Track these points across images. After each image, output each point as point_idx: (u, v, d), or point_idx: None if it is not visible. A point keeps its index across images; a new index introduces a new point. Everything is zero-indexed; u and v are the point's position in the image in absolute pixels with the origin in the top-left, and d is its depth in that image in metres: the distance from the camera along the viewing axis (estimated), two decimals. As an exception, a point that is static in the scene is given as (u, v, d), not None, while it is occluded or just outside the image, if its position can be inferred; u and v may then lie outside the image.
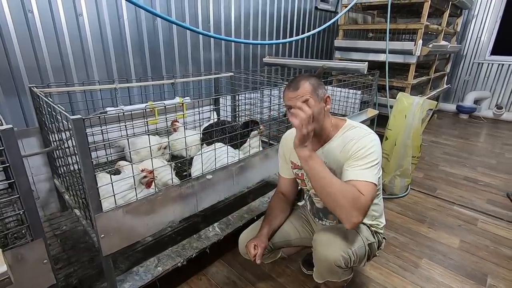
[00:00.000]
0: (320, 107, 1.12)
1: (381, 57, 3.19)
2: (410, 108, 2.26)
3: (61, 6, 1.72)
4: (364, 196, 0.98)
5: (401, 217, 2.16)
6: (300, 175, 1.31)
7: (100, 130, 1.64)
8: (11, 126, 0.78)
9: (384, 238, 1.33)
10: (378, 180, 1.08)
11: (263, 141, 1.99)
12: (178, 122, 2.04)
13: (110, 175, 1.26)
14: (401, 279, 1.60)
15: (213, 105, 2.41)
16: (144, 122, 1.83)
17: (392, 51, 3.09)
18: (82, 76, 1.89)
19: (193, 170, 1.52)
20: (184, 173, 1.55)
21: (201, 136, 1.93)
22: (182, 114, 1.91)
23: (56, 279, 0.97)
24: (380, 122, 2.96)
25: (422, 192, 2.52)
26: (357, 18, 4.03)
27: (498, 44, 4.83)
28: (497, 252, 1.82)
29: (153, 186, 1.28)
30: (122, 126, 1.72)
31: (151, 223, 1.20)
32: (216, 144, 1.55)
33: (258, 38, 3.02)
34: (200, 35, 2.45)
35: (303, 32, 3.52)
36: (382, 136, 2.41)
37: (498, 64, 4.82)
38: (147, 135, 1.27)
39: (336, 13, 3.89)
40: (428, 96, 3.65)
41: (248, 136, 1.79)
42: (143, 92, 2.09)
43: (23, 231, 0.95)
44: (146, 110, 1.64)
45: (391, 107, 2.51)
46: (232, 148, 1.63)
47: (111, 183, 1.07)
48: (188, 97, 2.30)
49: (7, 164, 0.80)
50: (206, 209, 1.48)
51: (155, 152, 1.79)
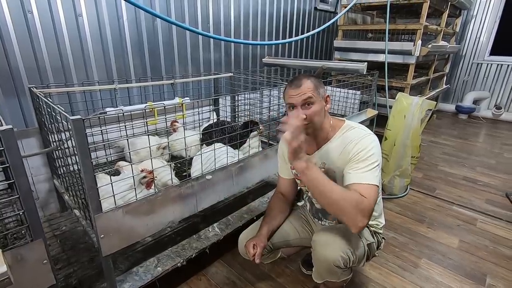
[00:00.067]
0: (321, 106, 1.13)
1: (381, 58, 3.20)
2: (409, 108, 2.27)
3: (61, 7, 1.72)
4: (367, 199, 0.98)
5: (401, 217, 2.17)
6: (300, 176, 1.32)
7: (100, 131, 1.65)
8: (11, 127, 0.78)
9: (384, 238, 1.33)
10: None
11: (263, 142, 1.99)
12: (178, 123, 2.04)
13: (110, 176, 1.26)
14: (401, 279, 1.60)
15: (213, 106, 2.41)
16: (144, 123, 1.84)
17: (391, 52, 3.10)
18: (82, 77, 1.89)
19: (193, 171, 1.53)
20: (184, 174, 1.55)
21: (201, 137, 1.93)
22: (182, 115, 1.91)
23: (56, 280, 0.97)
24: (380, 122, 2.97)
25: (421, 192, 2.53)
26: (357, 19, 4.04)
27: (497, 45, 4.84)
28: (496, 252, 1.83)
29: (153, 187, 1.28)
30: (122, 127, 1.72)
31: (151, 224, 1.20)
32: (216, 145, 1.55)
33: (258, 39, 3.03)
34: (200, 36, 2.46)
35: (303, 33, 3.52)
36: (382, 136, 2.42)
37: (497, 65, 4.83)
38: (147, 136, 1.27)
39: (336, 14, 3.89)
40: (428, 96, 3.66)
41: (248, 137, 1.79)
42: (143, 93, 2.10)
43: (23, 232, 0.95)
44: (146, 111, 1.64)
45: (391, 107, 2.52)
46: (232, 149, 1.63)
47: (111, 184, 1.07)
48: (188, 98, 2.31)
49: (7, 165, 0.80)
50: (206, 210, 1.48)
51: (154, 152, 1.80)
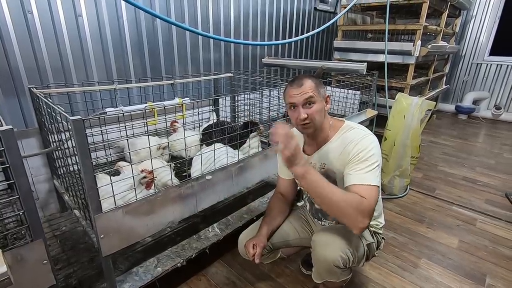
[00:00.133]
0: (322, 106, 1.13)
1: (380, 58, 3.20)
2: (409, 109, 2.27)
3: (61, 7, 1.73)
4: (368, 200, 0.98)
5: (400, 217, 2.17)
6: (299, 181, 1.31)
7: (100, 131, 1.65)
8: (11, 127, 0.79)
9: (383, 239, 1.33)
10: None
11: (263, 142, 1.99)
12: (178, 123, 2.04)
13: (110, 176, 1.26)
14: (400, 279, 1.60)
15: (213, 106, 2.41)
16: (144, 123, 1.85)
17: (391, 52, 3.10)
18: (82, 77, 1.89)
19: (193, 171, 1.53)
20: (184, 174, 1.55)
21: (201, 137, 1.93)
22: (182, 115, 1.92)
23: (56, 280, 0.97)
24: (379, 123, 2.97)
25: (421, 192, 2.53)
26: (356, 19, 4.04)
27: (497, 45, 4.85)
28: (496, 252, 1.83)
29: (153, 187, 1.29)
30: (122, 127, 1.72)
31: (151, 224, 1.20)
32: (216, 145, 1.55)
33: (258, 39, 3.03)
34: (199, 36, 2.46)
35: (302, 33, 3.53)
36: (381, 137, 2.42)
37: (497, 65, 4.83)
38: (147, 136, 1.28)
39: (335, 14, 3.89)
40: (427, 97, 3.66)
41: (248, 137, 1.79)
42: (143, 93, 2.10)
43: (23, 232, 0.95)
44: (146, 111, 1.64)
45: (390, 108, 2.52)
46: (232, 149, 1.63)
47: (111, 184, 1.07)
48: (188, 98, 2.31)
49: (7, 165, 0.80)
50: (206, 210, 1.48)
51: (154, 153, 1.80)
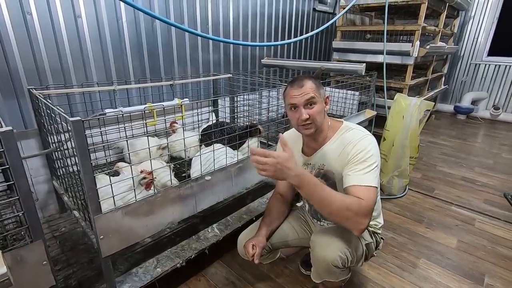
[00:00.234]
0: (322, 106, 1.14)
1: (379, 58, 3.21)
2: (408, 109, 2.27)
3: (60, 8, 1.73)
4: (366, 201, 0.99)
5: (399, 218, 2.17)
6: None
7: (99, 132, 1.65)
8: (11, 128, 0.79)
9: (382, 239, 1.33)
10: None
11: (262, 142, 2.00)
12: (177, 124, 2.04)
13: (109, 177, 1.26)
14: (399, 279, 1.61)
15: (212, 107, 2.41)
16: (143, 124, 1.85)
17: (390, 52, 3.11)
18: (81, 78, 1.89)
19: (192, 171, 1.53)
20: (183, 174, 1.55)
21: (200, 137, 1.94)
22: (181, 116, 1.92)
23: (56, 281, 0.97)
24: (378, 123, 2.97)
25: (420, 193, 2.54)
26: (355, 20, 4.05)
27: (495, 45, 4.86)
28: (495, 252, 1.84)
29: (152, 188, 1.29)
30: (121, 128, 1.72)
31: (150, 224, 1.21)
32: (215, 145, 1.55)
33: (257, 40, 3.03)
34: (199, 37, 2.46)
35: (301, 34, 3.53)
36: (380, 137, 2.42)
37: (495, 65, 4.85)
38: (146, 137, 1.28)
39: (334, 15, 3.90)
40: (426, 97, 3.67)
41: (247, 137, 1.79)
42: (142, 94, 2.10)
43: (23, 233, 0.95)
44: (145, 112, 1.64)
45: (389, 108, 2.52)
46: (231, 149, 1.63)
47: (110, 185, 1.07)
48: (187, 99, 2.31)
49: (7, 166, 0.80)
50: (205, 210, 1.48)
51: (154, 153, 1.80)
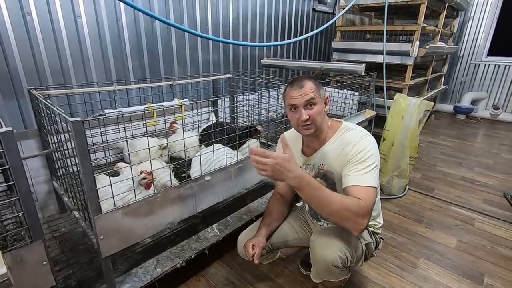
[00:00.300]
0: (322, 107, 1.14)
1: (379, 58, 3.21)
2: (407, 109, 2.28)
3: (60, 8, 1.73)
4: (365, 202, 0.99)
5: (399, 218, 2.17)
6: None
7: (99, 132, 1.65)
8: (11, 129, 0.79)
9: (382, 238, 1.33)
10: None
11: (262, 142, 2.00)
12: (177, 124, 2.04)
13: (109, 177, 1.26)
14: (399, 279, 1.61)
15: (212, 107, 2.42)
16: (143, 124, 1.85)
17: (389, 53, 3.11)
18: (81, 78, 1.89)
19: (192, 172, 1.53)
20: (183, 175, 1.55)
21: (200, 138, 1.94)
22: (181, 116, 1.92)
23: (56, 281, 0.98)
24: (378, 123, 2.98)
25: (420, 193, 2.54)
26: (355, 20, 4.05)
27: (495, 45, 4.87)
28: (494, 252, 1.84)
29: (152, 188, 1.29)
30: (121, 128, 1.72)
31: (150, 225, 1.21)
32: (215, 145, 1.55)
33: (256, 40, 3.03)
34: (198, 37, 2.46)
35: (301, 34, 3.54)
36: (380, 137, 2.43)
37: (495, 65, 4.85)
38: (146, 137, 1.28)
39: (334, 15, 3.91)
40: (426, 97, 3.67)
41: (247, 138, 1.79)
42: (142, 94, 2.10)
43: (22, 233, 0.95)
44: (145, 112, 1.64)
45: (389, 108, 2.53)
46: (231, 149, 1.63)
47: (110, 185, 1.07)
48: (187, 99, 2.31)
49: (7, 167, 0.80)
50: (205, 210, 1.48)
51: (155, 153, 1.80)
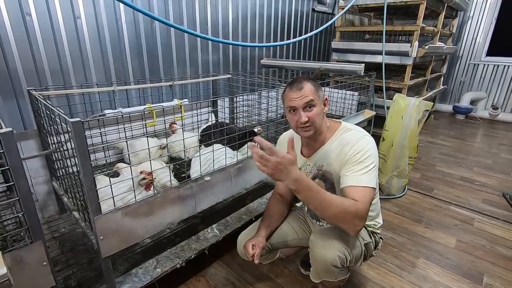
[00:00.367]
0: (321, 108, 1.14)
1: (378, 59, 3.21)
2: (407, 109, 2.28)
3: (59, 9, 1.73)
4: (361, 203, 1.00)
5: (398, 217, 2.18)
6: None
7: (99, 133, 1.65)
8: (11, 129, 0.79)
9: (381, 238, 1.34)
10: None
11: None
12: (176, 124, 2.04)
13: (109, 177, 1.27)
14: (399, 279, 1.61)
15: (211, 107, 2.42)
16: (143, 124, 1.85)
17: (389, 53, 3.11)
18: (80, 79, 1.89)
19: (192, 172, 1.53)
20: (183, 175, 1.55)
21: (199, 138, 1.94)
22: (180, 116, 1.92)
23: (55, 281, 0.98)
24: (377, 123, 2.98)
25: (419, 193, 2.54)
26: (354, 20, 4.05)
27: (494, 45, 4.88)
28: (493, 252, 1.84)
29: (152, 188, 1.29)
30: (121, 129, 1.72)
31: (150, 225, 1.21)
32: (214, 146, 1.55)
33: (256, 40, 3.04)
34: (198, 38, 2.46)
35: (301, 34, 3.54)
36: (379, 137, 2.43)
37: (494, 65, 4.86)
38: (146, 137, 1.28)
39: (333, 15, 3.91)
40: (425, 97, 3.68)
41: (246, 139, 1.79)
42: (141, 95, 2.10)
43: (22, 234, 0.95)
44: (145, 112, 1.64)
45: (388, 108, 2.53)
46: (231, 150, 1.64)
47: (110, 185, 1.08)
48: (186, 99, 2.31)
49: (7, 167, 0.81)
50: (205, 211, 1.48)
51: (154, 154, 1.80)
